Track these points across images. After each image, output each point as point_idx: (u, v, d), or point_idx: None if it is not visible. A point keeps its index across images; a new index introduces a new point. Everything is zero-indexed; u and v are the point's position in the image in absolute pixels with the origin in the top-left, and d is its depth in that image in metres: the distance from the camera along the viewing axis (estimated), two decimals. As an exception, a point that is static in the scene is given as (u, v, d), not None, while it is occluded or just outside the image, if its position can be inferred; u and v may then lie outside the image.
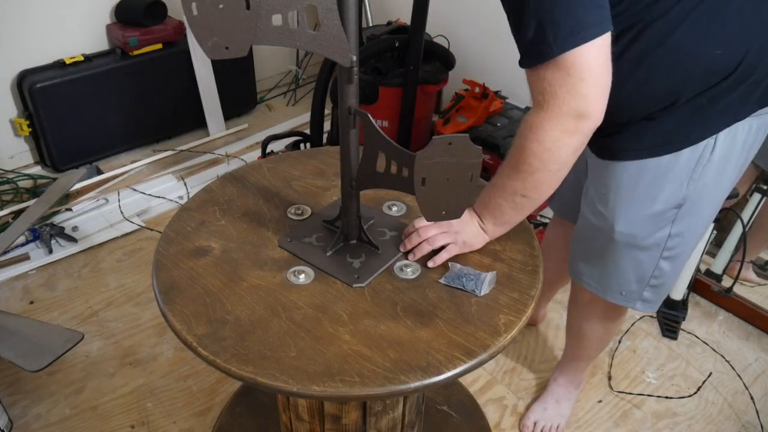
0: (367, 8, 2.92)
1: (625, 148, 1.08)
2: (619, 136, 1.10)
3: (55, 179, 2.57)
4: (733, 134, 1.06)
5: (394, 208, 1.19)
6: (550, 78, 0.91)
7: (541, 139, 0.95)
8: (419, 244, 1.07)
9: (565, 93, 0.91)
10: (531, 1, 0.88)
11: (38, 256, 2.18)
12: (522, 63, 0.95)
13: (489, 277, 1.00)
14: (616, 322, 1.46)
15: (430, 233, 1.06)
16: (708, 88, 1.02)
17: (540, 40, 0.89)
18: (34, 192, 2.51)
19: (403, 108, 2.39)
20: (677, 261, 1.24)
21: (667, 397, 1.79)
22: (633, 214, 1.17)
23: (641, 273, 1.25)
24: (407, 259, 1.07)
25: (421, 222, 1.08)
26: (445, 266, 1.05)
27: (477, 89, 2.45)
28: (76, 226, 2.31)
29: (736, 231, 2.01)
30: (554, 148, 0.95)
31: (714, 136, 1.06)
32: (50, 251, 2.19)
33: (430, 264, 1.05)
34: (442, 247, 1.07)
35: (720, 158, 1.08)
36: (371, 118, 0.92)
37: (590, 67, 0.90)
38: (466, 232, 1.07)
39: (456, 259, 1.07)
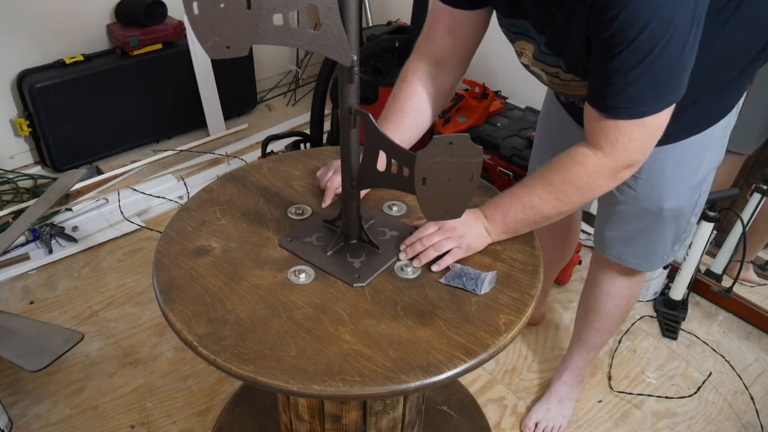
0: (367, 8, 2.93)
1: (668, 134, 1.09)
2: None
3: (55, 179, 2.57)
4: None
5: (395, 208, 1.19)
6: (628, 132, 0.95)
7: (592, 180, 1.00)
8: (425, 250, 1.06)
9: (636, 148, 0.97)
10: (649, 60, 0.88)
11: (38, 256, 2.18)
12: (605, 112, 0.95)
13: (489, 277, 1.00)
14: (638, 294, 1.50)
15: (434, 239, 1.06)
16: (742, 66, 1.10)
17: (639, 99, 0.92)
18: (34, 192, 2.50)
19: (403, 108, 2.39)
20: (700, 212, 1.33)
21: (667, 397, 1.79)
22: (680, 189, 1.23)
23: (678, 235, 1.32)
24: (413, 264, 1.06)
25: (424, 230, 1.08)
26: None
27: (477, 89, 2.45)
28: (76, 226, 2.31)
29: (736, 231, 2.02)
30: (598, 189, 1.02)
31: (738, 101, 1.16)
32: (50, 251, 2.19)
33: (435, 268, 1.04)
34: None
35: (735, 116, 1.20)
36: (371, 117, 0.92)
37: (663, 127, 0.96)
38: (470, 236, 1.07)
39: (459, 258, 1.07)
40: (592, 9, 0.89)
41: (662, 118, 0.95)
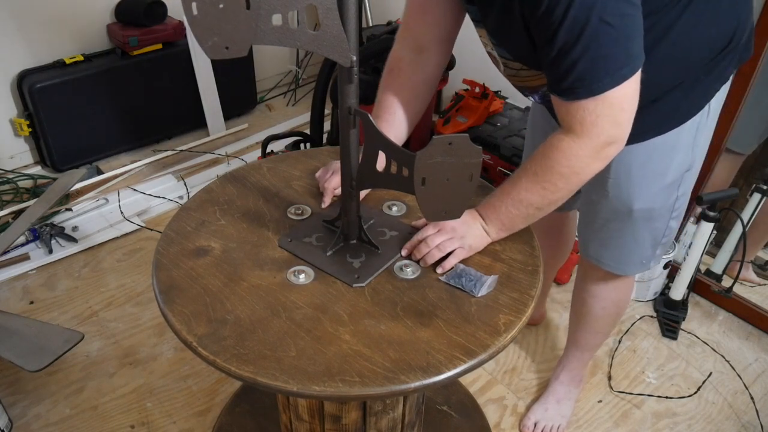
0: (367, 8, 2.92)
1: (631, 133, 1.09)
2: None
3: (55, 179, 2.57)
4: (719, 95, 1.16)
5: (394, 208, 1.19)
6: (593, 109, 0.93)
7: (572, 164, 0.98)
8: (429, 251, 1.06)
9: (606, 123, 0.95)
10: (587, 34, 0.87)
11: (38, 256, 2.18)
12: (563, 95, 0.95)
13: (489, 281, 1.00)
14: (627, 297, 1.49)
15: (437, 240, 1.05)
16: (705, 64, 1.08)
17: (589, 76, 0.90)
18: (34, 192, 2.51)
19: (403, 108, 2.38)
20: (681, 216, 1.31)
21: (667, 397, 1.79)
22: (648, 191, 1.21)
23: (656, 238, 1.31)
24: (420, 265, 1.06)
25: (426, 231, 1.08)
26: (446, 265, 1.06)
27: (477, 89, 2.45)
28: (76, 226, 2.31)
29: (736, 231, 2.02)
30: (582, 172, 0.99)
31: (708, 102, 1.14)
32: (50, 251, 2.19)
33: (440, 270, 1.04)
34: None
35: (711, 119, 1.17)
36: (371, 118, 0.92)
37: (631, 98, 0.94)
38: (471, 236, 1.07)
39: None
40: None
41: (624, 91, 0.92)
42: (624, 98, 0.93)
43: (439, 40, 1.18)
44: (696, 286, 2.10)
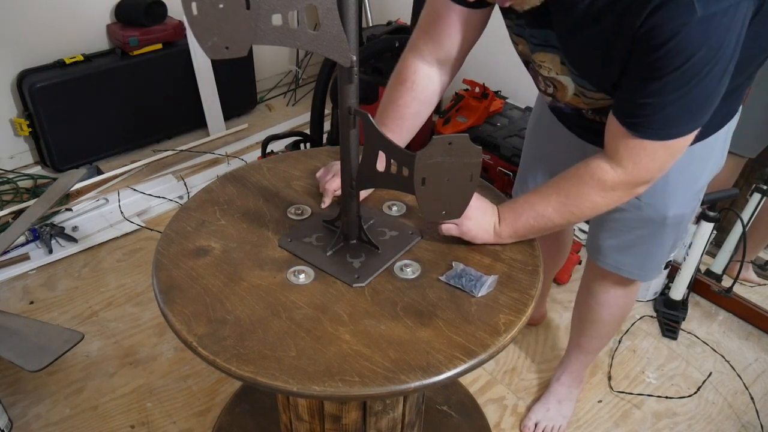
0: (367, 8, 2.93)
1: None
2: None
3: (55, 179, 2.57)
4: None
5: (394, 208, 1.19)
6: (653, 152, 0.94)
7: (608, 196, 1.00)
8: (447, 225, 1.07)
9: (656, 167, 0.96)
10: (689, 87, 0.86)
11: (38, 256, 2.18)
12: (631, 129, 0.94)
13: (489, 281, 1.00)
14: (633, 301, 1.49)
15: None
16: (753, 70, 1.08)
17: (670, 121, 0.90)
18: (34, 192, 2.51)
19: (403, 108, 2.38)
20: (693, 219, 1.32)
21: (667, 397, 1.79)
22: (683, 197, 1.21)
23: (676, 242, 1.32)
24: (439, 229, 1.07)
25: None
26: (448, 265, 1.05)
27: (477, 89, 2.45)
28: (76, 226, 2.31)
29: (736, 231, 2.01)
30: (613, 203, 1.01)
31: (739, 106, 1.15)
32: (50, 251, 2.19)
33: (443, 230, 1.07)
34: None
35: (736, 121, 1.17)
36: (371, 118, 0.92)
37: (685, 147, 0.95)
38: (477, 226, 1.07)
39: (459, 258, 1.07)
40: (638, 32, 0.86)
41: (687, 140, 0.94)
42: (682, 147, 0.94)
43: (461, 55, 1.18)
44: (696, 286, 2.10)
